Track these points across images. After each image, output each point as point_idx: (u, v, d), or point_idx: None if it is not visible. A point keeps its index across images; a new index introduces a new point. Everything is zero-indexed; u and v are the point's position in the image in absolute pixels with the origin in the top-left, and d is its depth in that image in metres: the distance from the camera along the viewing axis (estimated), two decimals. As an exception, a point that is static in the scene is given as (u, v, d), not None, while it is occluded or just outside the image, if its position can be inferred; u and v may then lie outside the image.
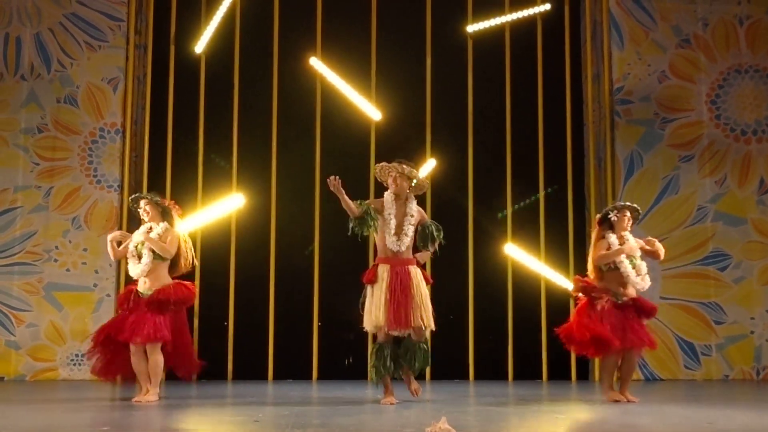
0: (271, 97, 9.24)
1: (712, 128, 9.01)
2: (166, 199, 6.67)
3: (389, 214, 5.89)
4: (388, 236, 5.84)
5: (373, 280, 5.80)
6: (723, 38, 9.12)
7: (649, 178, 8.93)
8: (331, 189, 5.84)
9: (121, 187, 8.83)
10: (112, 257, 6.50)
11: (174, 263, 6.38)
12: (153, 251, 6.26)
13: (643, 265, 6.26)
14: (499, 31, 9.44)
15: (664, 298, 8.73)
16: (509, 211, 9.14)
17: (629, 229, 6.37)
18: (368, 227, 5.86)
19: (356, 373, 8.75)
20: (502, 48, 9.42)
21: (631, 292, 6.21)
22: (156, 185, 8.94)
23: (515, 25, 9.45)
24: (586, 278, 6.36)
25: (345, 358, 8.96)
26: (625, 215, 6.32)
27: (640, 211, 6.50)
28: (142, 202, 6.46)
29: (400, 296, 5.67)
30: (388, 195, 6.01)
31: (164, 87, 9.20)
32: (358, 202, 5.92)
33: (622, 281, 6.18)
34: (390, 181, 6.01)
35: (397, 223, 5.88)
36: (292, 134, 9.26)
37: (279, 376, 8.79)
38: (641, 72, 9.07)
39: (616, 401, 6.01)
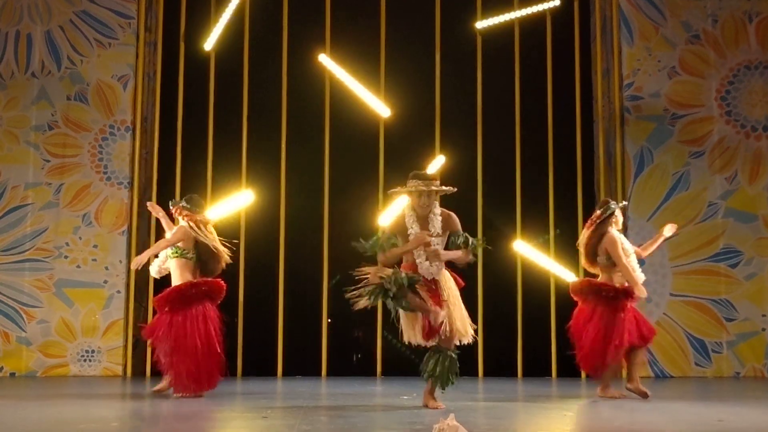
0: (281, 93, 9.22)
1: (723, 124, 8.93)
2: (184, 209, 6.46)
3: (413, 234, 5.29)
4: (421, 263, 5.27)
5: None
6: (733, 34, 9.04)
7: (660, 174, 8.87)
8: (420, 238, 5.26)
9: (131, 184, 8.83)
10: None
11: (202, 262, 6.23)
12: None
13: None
14: (508, 27, 9.39)
15: (674, 294, 8.68)
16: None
17: (614, 225, 6.34)
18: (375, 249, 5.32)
19: (365, 369, 8.74)
20: (511, 44, 9.37)
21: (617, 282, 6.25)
22: (166, 182, 8.96)
23: (524, 22, 9.40)
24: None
25: (354, 354, 8.95)
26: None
27: (609, 203, 6.35)
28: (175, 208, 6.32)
29: (430, 298, 5.19)
30: (409, 214, 5.39)
31: (174, 84, 9.19)
32: (385, 238, 5.34)
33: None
34: (416, 200, 5.38)
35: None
36: (302, 131, 9.24)
37: (288, 373, 8.78)
38: (651, 68, 9.00)
39: (620, 397, 6.05)
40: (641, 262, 8.30)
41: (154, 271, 6.47)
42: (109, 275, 8.65)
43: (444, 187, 5.48)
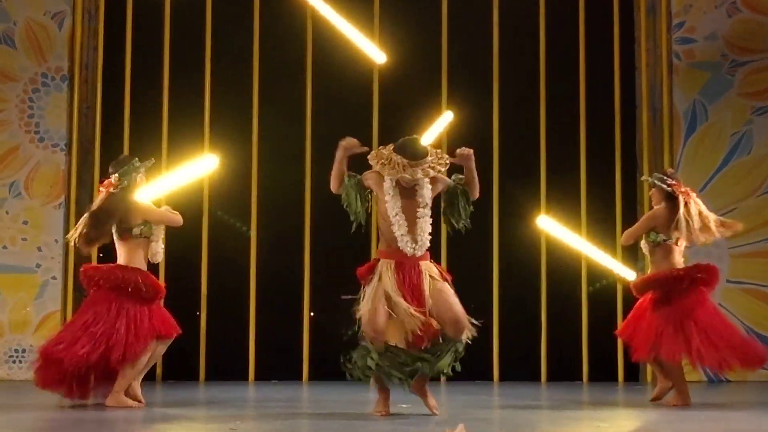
0: (252, 34, 9.19)
1: (794, 73, 8.95)
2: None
3: (393, 208, 5.39)
4: (399, 237, 5.37)
5: (368, 277, 5.40)
6: (810, -40, 9.02)
7: (715, 134, 8.88)
8: (342, 144, 5.49)
9: (69, 145, 8.82)
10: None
11: None
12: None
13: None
14: (531, -47, 9.37)
15: (731, 281, 8.71)
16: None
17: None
18: (358, 210, 5.51)
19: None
20: (535, -25, 9.35)
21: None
22: (111, 143, 8.94)
23: (551, -53, 9.38)
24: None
25: (341, 355, 8.97)
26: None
27: (651, 182, 6.44)
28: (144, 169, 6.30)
29: (411, 300, 5.28)
30: (388, 181, 5.45)
31: (121, 23, 9.16)
32: (347, 175, 5.51)
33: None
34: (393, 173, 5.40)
35: (407, 218, 5.37)
36: (277, 81, 9.22)
37: (262, 377, 8.82)
38: (706, 3, 8.98)
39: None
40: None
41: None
42: (42, 258, 8.66)
43: (434, 167, 5.41)
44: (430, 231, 5.44)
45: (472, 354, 8.83)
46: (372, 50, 9.13)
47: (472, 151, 5.52)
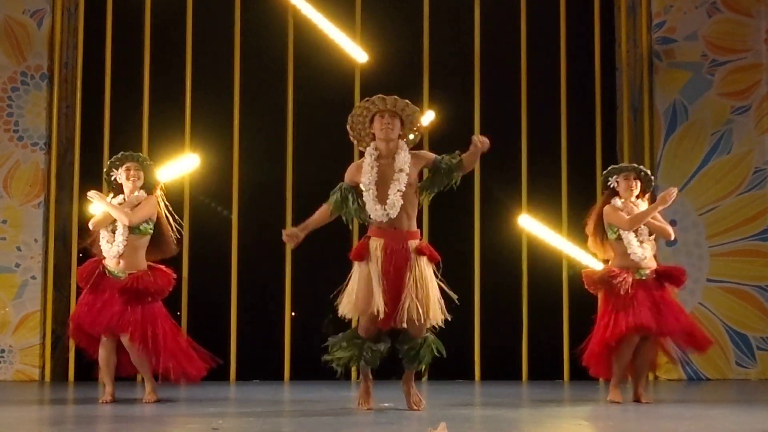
0: (233, 34, 9.18)
1: (774, 73, 9.01)
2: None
3: (369, 176, 5.45)
4: (369, 205, 5.42)
5: (363, 257, 5.46)
6: (790, -39, 9.10)
7: (695, 133, 8.94)
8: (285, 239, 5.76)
9: (49, 144, 8.80)
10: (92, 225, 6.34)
11: (157, 244, 6.48)
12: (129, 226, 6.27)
13: (644, 230, 6.41)
14: (512, -47, 9.40)
15: (711, 280, 8.77)
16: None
17: (639, 198, 6.48)
18: (350, 212, 5.56)
19: (337, 372, 8.78)
20: (516, -26, 9.38)
21: (651, 263, 6.38)
22: (91, 143, 8.93)
23: (532, -53, 9.42)
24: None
25: (323, 354, 8.99)
26: (628, 180, 6.42)
27: (649, 174, 6.50)
28: (131, 165, 6.38)
29: (392, 283, 5.36)
30: (369, 150, 5.56)
31: (101, 22, 9.13)
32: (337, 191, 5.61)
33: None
34: (378, 126, 5.55)
35: (382, 186, 5.42)
36: (259, 80, 9.22)
37: (243, 377, 8.82)
38: (687, 4, 9.04)
39: (617, 402, 6.21)
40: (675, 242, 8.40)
41: (114, 253, 6.28)
42: (21, 257, 8.63)
43: (409, 105, 5.64)
44: (402, 189, 5.41)
45: (453, 353, 8.88)
46: (353, 49, 9.15)
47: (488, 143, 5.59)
